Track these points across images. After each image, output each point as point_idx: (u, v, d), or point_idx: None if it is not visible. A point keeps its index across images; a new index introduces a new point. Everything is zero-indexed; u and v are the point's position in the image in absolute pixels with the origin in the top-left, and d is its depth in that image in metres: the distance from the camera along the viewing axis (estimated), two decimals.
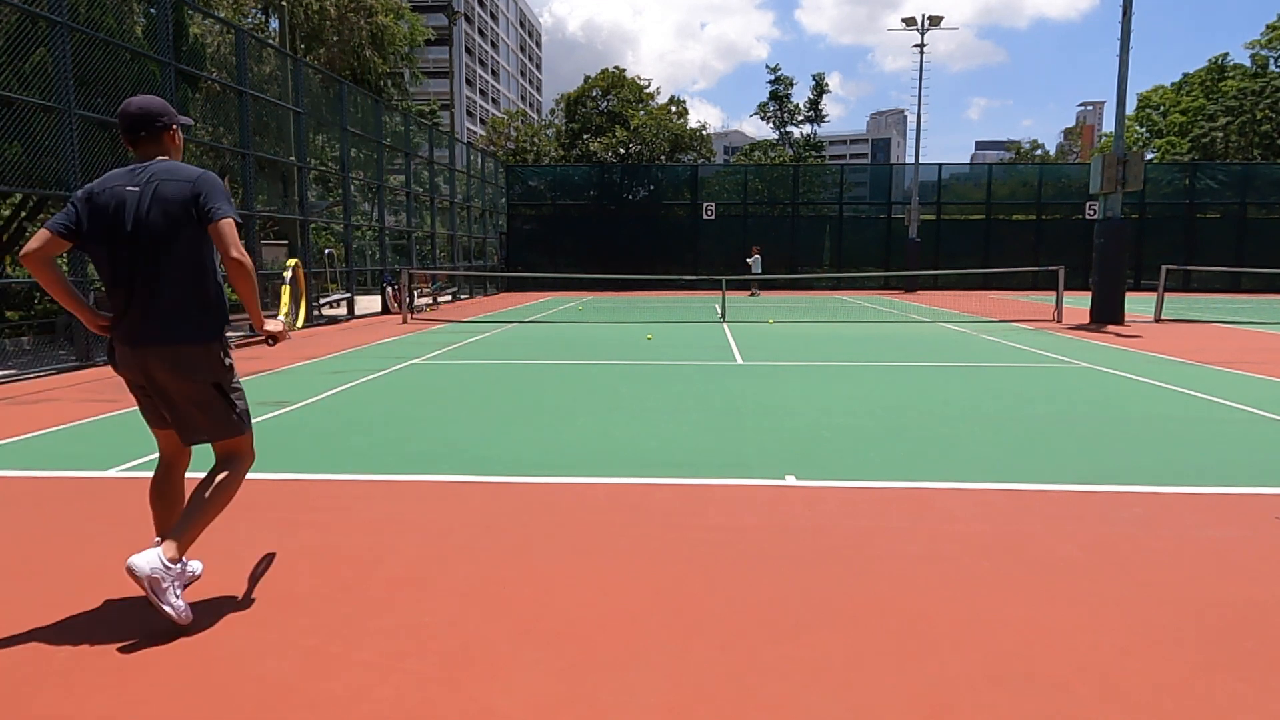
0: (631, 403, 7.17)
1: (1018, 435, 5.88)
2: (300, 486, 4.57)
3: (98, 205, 2.83)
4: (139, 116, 2.91)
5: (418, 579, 3.24)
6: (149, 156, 2.94)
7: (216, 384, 2.95)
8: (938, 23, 32.03)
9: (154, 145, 2.95)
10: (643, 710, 2.31)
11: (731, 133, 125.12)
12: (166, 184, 2.83)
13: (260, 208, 14.17)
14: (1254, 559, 3.44)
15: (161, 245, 2.83)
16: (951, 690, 2.41)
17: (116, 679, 2.48)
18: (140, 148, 2.94)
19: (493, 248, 30.89)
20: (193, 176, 2.86)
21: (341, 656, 2.62)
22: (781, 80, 49.31)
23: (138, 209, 2.81)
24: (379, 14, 29.10)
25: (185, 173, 2.87)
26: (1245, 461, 5.09)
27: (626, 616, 2.91)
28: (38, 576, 3.31)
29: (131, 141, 2.94)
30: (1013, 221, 33.10)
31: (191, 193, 2.82)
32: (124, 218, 2.81)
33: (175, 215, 2.81)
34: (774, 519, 3.97)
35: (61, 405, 7.16)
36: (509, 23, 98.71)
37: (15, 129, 9.16)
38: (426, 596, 3.08)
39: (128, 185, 2.84)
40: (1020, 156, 76.90)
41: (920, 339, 12.72)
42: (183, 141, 3.10)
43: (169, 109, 2.97)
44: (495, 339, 12.90)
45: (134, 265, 2.83)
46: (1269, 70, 45.82)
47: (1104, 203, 15.65)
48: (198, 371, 2.90)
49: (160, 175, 2.85)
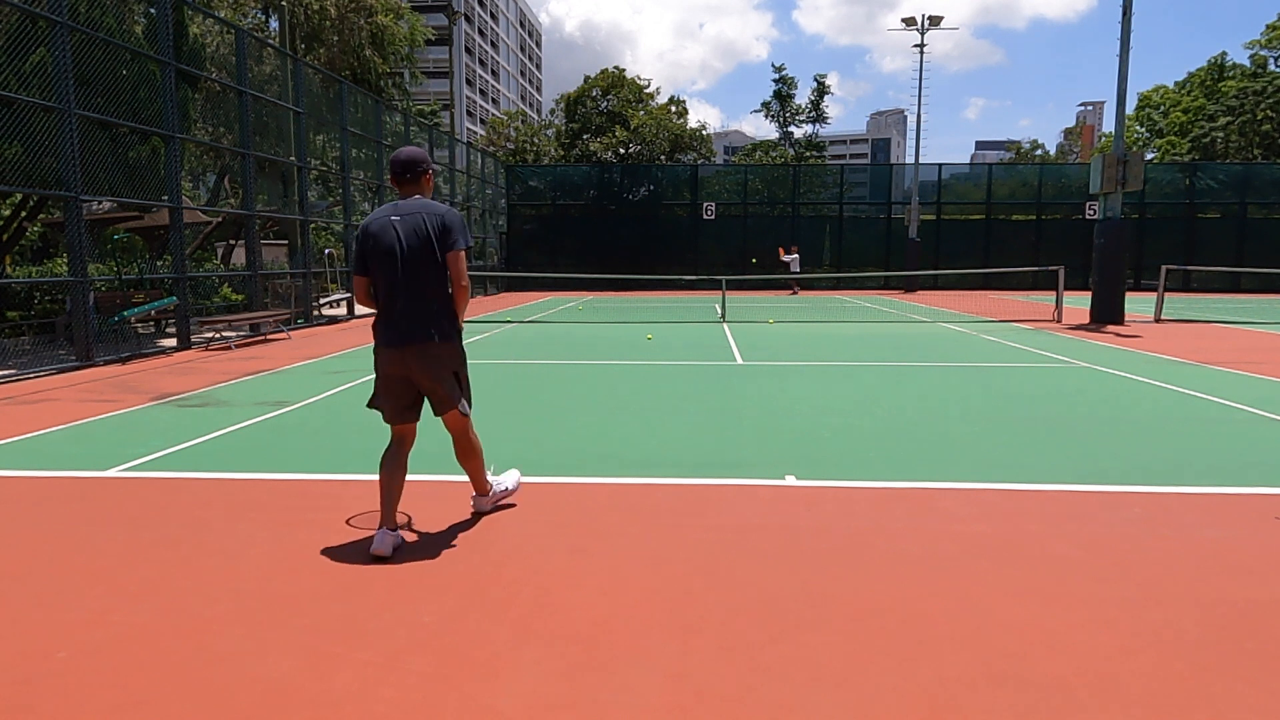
0: (631, 403, 7.17)
1: (1018, 435, 5.88)
2: (300, 486, 4.57)
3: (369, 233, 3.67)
4: (407, 163, 3.73)
5: (418, 579, 3.24)
6: (408, 195, 3.74)
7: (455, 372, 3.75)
8: (938, 23, 32.02)
9: (414, 186, 3.75)
10: (643, 710, 2.31)
11: (731, 133, 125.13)
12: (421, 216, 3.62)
13: (260, 208, 14.16)
14: (1254, 559, 3.44)
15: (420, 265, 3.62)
16: (951, 690, 2.41)
17: (116, 679, 2.48)
18: (404, 188, 3.75)
19: (493, 248, 30.89)
20: (440, 212, 3.64)
21: (341, 656, 2.62)
22: (786, 80, 49.31)
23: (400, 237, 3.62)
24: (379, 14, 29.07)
25: (436, 209, 3.66)
26: (1245, 461, 5.09)
27: (626, 616, 2.91)
28: (38, 576, 3.30)
29: (398, 182, 3.75)
30: (1013, 221, 33.08)
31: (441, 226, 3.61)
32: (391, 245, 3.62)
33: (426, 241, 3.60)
34: (774, 519, 3.97)
35: (61, 405, 7.16)
36: (509, 23, 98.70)
37: (15, 129, 9.16)
38: (426, 596, 3.08)
39: (391, 216, 3.64)
40: (1020, 156, 76.83)
41: (920, 339, 12.72)
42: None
43: (427, 158, 3.80)
44: (495, 339, 12.90)
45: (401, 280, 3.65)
46: (1269, 70, 45.82)
47: (1104, 203, 15.64)
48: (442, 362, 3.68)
49: (418, 210, 3.64)
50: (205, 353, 11.10)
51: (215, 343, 12.25)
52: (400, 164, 3.74)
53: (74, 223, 9.58)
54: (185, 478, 4.76)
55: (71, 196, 9.46)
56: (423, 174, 3.76)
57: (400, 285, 3.58)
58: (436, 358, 3.63)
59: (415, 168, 3.74)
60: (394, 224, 3.58)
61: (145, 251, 16.73)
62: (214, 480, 4.71)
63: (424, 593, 3.11)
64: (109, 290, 13.59)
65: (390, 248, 3.57)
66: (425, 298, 3.59)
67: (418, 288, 3.58)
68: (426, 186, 3.79)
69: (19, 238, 15.65)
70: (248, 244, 14.17)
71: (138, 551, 3.57)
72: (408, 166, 3.74)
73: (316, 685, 2.45)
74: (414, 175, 3.73)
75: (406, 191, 3.76)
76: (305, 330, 15.00)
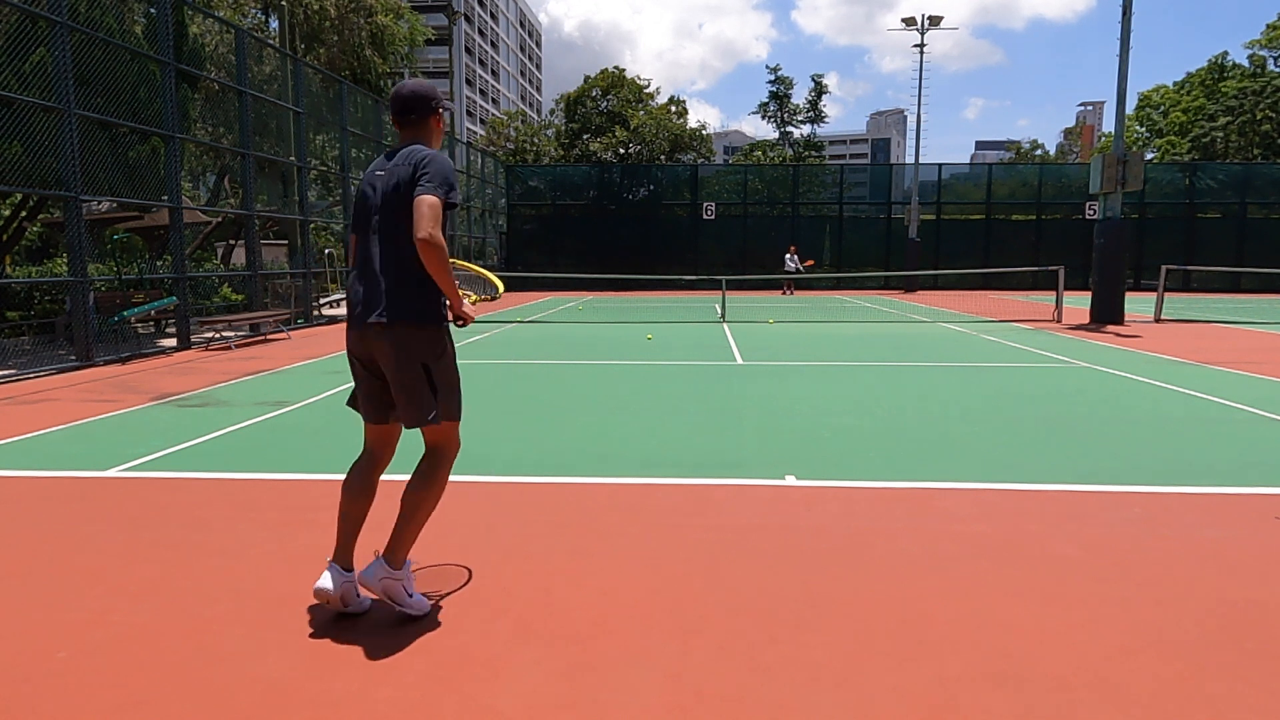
0: (631, 403, 7.17)
1: (1018, 435, 5.88)
2: (300, 486, 4.57)
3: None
4: (409, 100, 2.94)
5: (418, 579, 3.24)
6: (407, 142, 2.95)
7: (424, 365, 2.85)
8: (938, 23, 32.02)
9: (416, 130, 2.97)
10: (643, 710, 2.31)
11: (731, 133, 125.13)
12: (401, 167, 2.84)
13: (260, 208, 14.16)
14: (1254, 559, 3.44)
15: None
16: (951, 690, 2.41)
17: (116, 679, 2.48)
18: (405, 132, 2.98)
19: (492, 248, 30.89)
20: (423, 156, 2.82)
21: (341, 656, 2.62)
22: (782, 80, 49.34)
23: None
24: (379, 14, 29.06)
25: (421, 153, 2.84)
26: (1245, 461, 5.08)
27: (626, 616, 2.91)
28: (38, 576, 3.30)
29: (399, 125, 2.98)
30: (1013, 221, 33.08)
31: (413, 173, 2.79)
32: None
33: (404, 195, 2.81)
34: (774, 519, 3.97)
35: (61, 405, 7.16)
36: (509, 23, 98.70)
37: (15, 129, 9.16)
38: (427, 596, 3.07)
39: (377, 169, 2.93)
40: (1020, 156, 76.82)
41: (920, 339, 12.72)
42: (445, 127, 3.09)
43: (436, 94, 2.98)
44: (495, 339, 12.89)
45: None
46: (1268, 70, 45.81)
47: (1104, 203, 15.64)
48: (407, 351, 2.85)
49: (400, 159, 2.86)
50: (205, 353, 11.10)
51: (215, 343, 12.25)
52: (400, 101, 2.95)
53: (74, 223, 9.58)
54: (185, 478, 4.76)
55: (71, 196, 9.46)
56: (431, 115, 2.97)
57: (371, 249, 2.87)
58: (398, 342, 2.81)
59: (421, 106, 2.95)
60: (377, 177, 2.88)
61: (145, 251, 16.73)
62: (214, 480, 4.70)
63: (424, 593, 3.11)
64: (109, 290, 13.59)
65: (365, 204, 2.92)
66: (395, 263, 2.83)
67: (391, 252, 2.83)
68: (433, 132, 3.00)
69: (19, 238, 15.65)
70: (248, 244, 14.17)
71: (138, 551, 3.57)
72: (409, 105, 2.94)
73: (316, 685, 2.45)
74: (419, 116, 2.95)
75: (406, 138, 2.97)
76: (305, 330, 15.00)
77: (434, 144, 2.98)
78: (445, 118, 3.07)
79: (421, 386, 2.83)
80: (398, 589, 2.83)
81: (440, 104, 2.98)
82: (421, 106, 2.94)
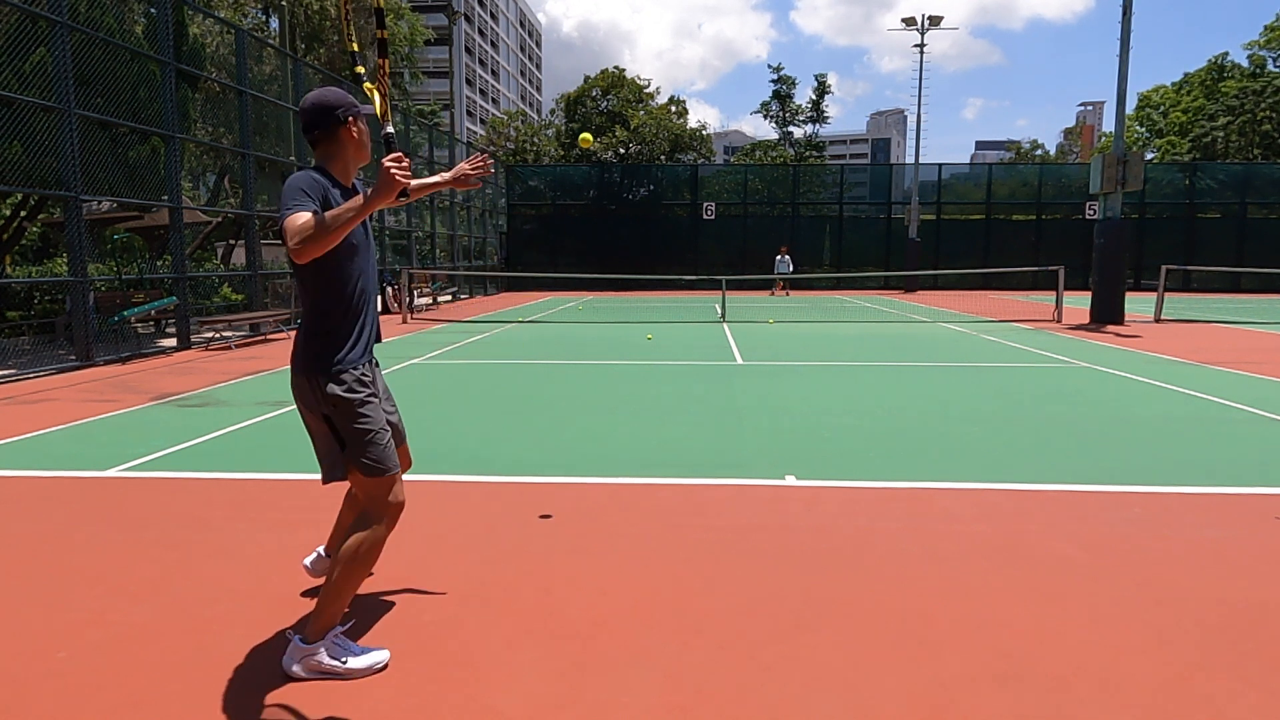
0: (631, 403, 7.17)
1: (1017, 435, 5.88)
2: (300, 486, 4.57)
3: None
4: (312, 113, 2.54)
5: (418, 579, 3.24)
6: (320, 160, 2.60)
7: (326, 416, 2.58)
8: (938, 23, 32.04)
9: (326, 147, 2.59)
10: (643, 710, 2.31)
11: (731, 133, 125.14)
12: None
13: (260, 208, 14.16)
14: (1254, 559, 3.44)
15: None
16: (951, 690, 2.41)
17: (117, 679, 2.48)
18: (315, 151, 2.60)
19: (492, 247, 30.90)
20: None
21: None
22: (784, 80, 49.33)
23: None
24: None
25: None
26: (1245, 461, 5.08)
27: (626, 616, 2.91)
28: (38, 576, 3.30)
29: (311, 144, 2.60)
30: (1013, 221, 33.08)
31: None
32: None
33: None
34: (774, 519, 3.97)
35: (61, 405, 7.16)
36: (509, 23, 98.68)
37: (15, 129, 9.16)
38: (426, 596, 3.08)
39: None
40: (1020, 156, 76.80)
41: (920, 339, 12.72)
42: (359, 137, 2.62)
43: (344, 102, 2.55)
44: (495, 339, 12.90)
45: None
46: (1268, 70, 45.81)
47: (1104, 203, 15.64)
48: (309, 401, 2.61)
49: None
50: (205, 353, 11.10)
51: (215, 343, 12.25)
52: (303, 117, 2.56)
53: (74, 223, 9.58)
54: (186, 478, 4.76)
55: (71, 196, 9.46)
56: (339, 126, 2.55)
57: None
58: (299, 392, 2.63)
59: (323, 120, 2.54)
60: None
61: (145, 251, 16.72)
62: (214, 480, 4.70)
63: (424, 593, 3.11)
64: (109, 290, 13.58)
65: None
66: (305, 313, 2.58)
67: (304, 301, 2.59)
68: (346, 145, 2.58)
69: (19, 238, 15.65)
70: (248, 244, 14.17)
71: (138, 551, 3.57)
72: (311, 121, 2.54)
73: (316, 685, 2.45)
74: (324, 131, 2.55)
75: (319, 157, 2.58)
76: None
77: (355, 158, 2.61)
78: (362, 125, 2.62)
79: (327, 439, 2.60)
80: (323, 665, 2.47)
81: (349, 111, 2.55)
82: (324, 119, 2.53)
